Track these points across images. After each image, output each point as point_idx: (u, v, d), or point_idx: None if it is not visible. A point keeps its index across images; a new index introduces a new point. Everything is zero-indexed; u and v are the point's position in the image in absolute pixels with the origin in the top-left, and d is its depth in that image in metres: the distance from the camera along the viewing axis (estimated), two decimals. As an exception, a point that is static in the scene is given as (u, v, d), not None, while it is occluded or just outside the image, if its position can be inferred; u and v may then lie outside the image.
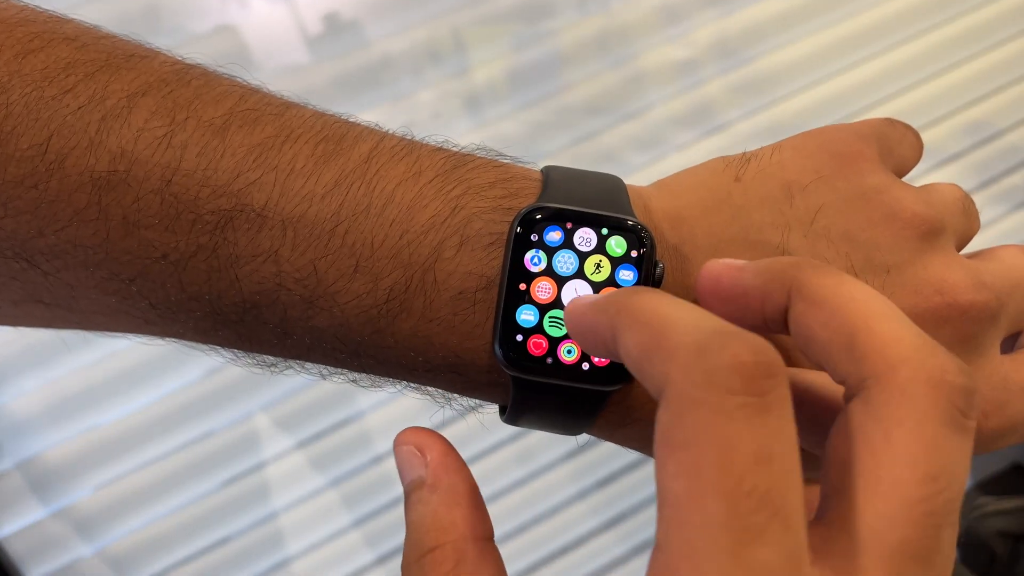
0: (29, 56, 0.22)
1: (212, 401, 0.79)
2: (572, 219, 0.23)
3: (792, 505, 0.15)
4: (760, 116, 0.95)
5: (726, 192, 0.25)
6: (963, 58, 1.01)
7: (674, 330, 0.17)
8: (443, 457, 0.22)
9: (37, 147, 0.21)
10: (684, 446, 0.16)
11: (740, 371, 0.16)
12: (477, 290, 0.23)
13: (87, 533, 0.77)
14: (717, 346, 0.16)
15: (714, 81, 0.95)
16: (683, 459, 0.16)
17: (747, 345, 0.16)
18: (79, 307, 0.24)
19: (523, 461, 0.86)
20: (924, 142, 0.29)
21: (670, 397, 0.16)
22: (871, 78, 0.98)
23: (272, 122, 0.23)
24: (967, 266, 0.25)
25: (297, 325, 0.23)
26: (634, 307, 0.18)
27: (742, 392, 0.16)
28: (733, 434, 0.15)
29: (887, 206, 0.25)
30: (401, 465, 0.23)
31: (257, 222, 0.22)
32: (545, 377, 0.23)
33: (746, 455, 0.15)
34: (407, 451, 0.23)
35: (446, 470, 0.22)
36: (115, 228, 0.22)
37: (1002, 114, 1.01)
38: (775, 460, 0.15)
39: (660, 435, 0.16)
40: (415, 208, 0.23)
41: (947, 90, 1.00)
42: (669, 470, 0.16)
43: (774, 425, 0.16)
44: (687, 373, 0.16)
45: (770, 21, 0.97)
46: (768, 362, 0.16)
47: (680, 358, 0.16)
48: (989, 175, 1.00)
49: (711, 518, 0.15)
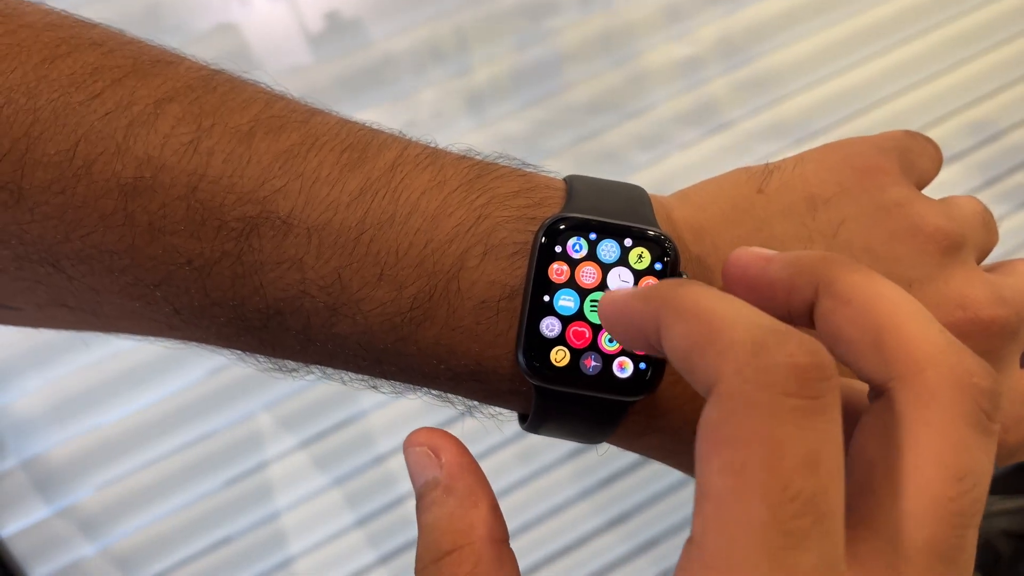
0: (56, 61, 0.22)
1: (214, 401, 0.79)
2: (596, 229, 0.23)
3: (834, 511, 0.15)
4: (764, 115, 0.95)
5: (749, 204, 0.25)
6: (966, 57, 1.01)
7: (727, 325, 0.17)
8: (459, 458, 0.22)
9: (64, 152, 0.22)
10: (732, 443, 0.16)
11: (796, 372, 0.16)
12: (501, 299, 0.23)
13: (90, 532, 0.77)
14: (773, 345, 0.16)
15: (717, 80, 0.95)
16: (730, 456, 0.15)
17: (803, 346, 0.16)
18: (103, 312, 0.24)
19: (525, 460, 0.86)
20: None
21: (721, 393, 0.16)
22: (874, 77, 0.98)
23: (298, 129, 0.23)
24: (988, 281, 0.25)
25: (320, 332, 0.23)
26: (682, 298, 0.18)
27: (796, 394, 0.15)
28: (784, 436, 0.15)
29: (909, 220, 0.25)
30: (413, 466, 0.22)
31: (282, 229, 0.22)
32: (568, 387, 0.23)
33: (795, 458, 0.15)
34: (420, 452, 0.22)
35: (462, 471, 0.22)
36: (141, 234, 0.22)
37: (1005, 113, 1.01)
38: (822, 465, 0.15)
39: (707, 430, 0.16)
40: (440, 217, 0.23)
41: (950, 89, 1.00)
42: (714, 466, 0.16)
43: (824, 429, 0.16)
44: (741, 370, 0.16)
45: (773, 20, 0.96)
46: (823, 364, 0.16)
47: (734, 354, 0.16)
48: (992, 174, 1.00)
49: (753, 518, 0.15)
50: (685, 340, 0.17)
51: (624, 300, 0.20)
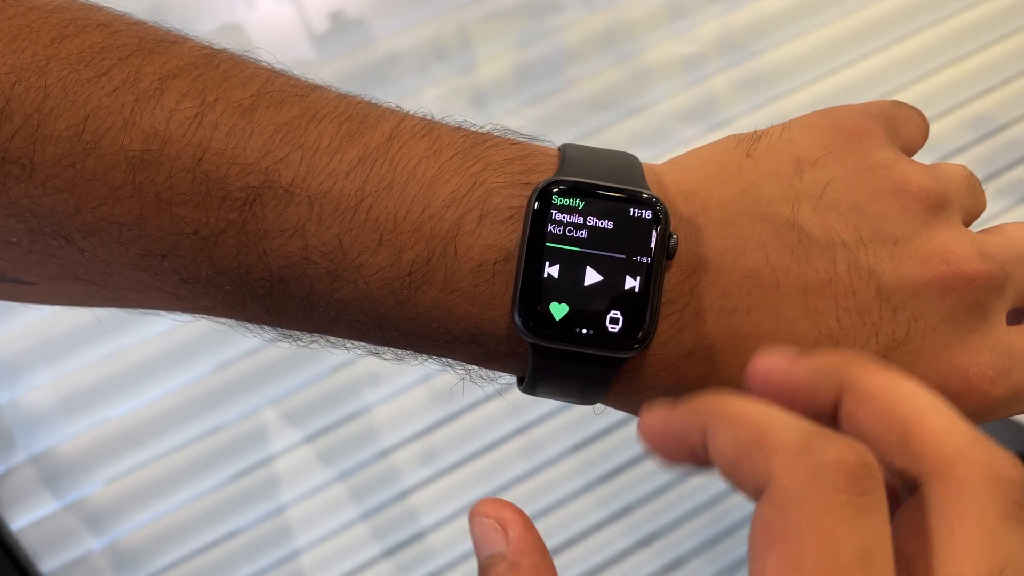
0: (65, 41, 0.23)
1: (221, 395, 0.80)
2: (588, 192, 0.24)
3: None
4: (765, 111, 0.95)
5: (737, 167, 0.26)
6: (967, 51, 1.01)
7: (774, 428, 0.17)
8: (525, 534, 0.22)
9: (74, 127, 0.22)
10: (787, 539, 0.16)
11: (845, 470, 0.16)
12: (496, 262, 0.24)
13: (98, 526, 0.78)
14: (820, 445, 0.17)
15: (719, 76, 0.95)
16: (785, 552, 0.16)
17: (849, 446, 0.17)
18: (113, 283, 0.25)
19: (529, 454, 0.86)
20: (929, 136, 0.30)
21: (774, 491, 0.17)
22: (876, 72, 0.98)
23: (298, 103, 0.24)
24: (973, 238, 0.25)
25: (323, 298, 0.24)
26: (728, 408, 0.19)
27: (846, 490, 0.16)
28: (837, 531, 0.16)
29: (894, 180, 0.25)
30: (479, 537, 0.23)
31: (284, 198, 0.23)
32: (562, 344, 0.24)
33: (849, 553, 0.16)
34: (487, 524, 0.22)
35: (529, 549, 0.22)
36: (148, 205, 0.23)
37: (1007, 108, 1.01)
38: (875, 560, 0.16)
39: (760, 527, 0.17)
40: (436, 183, 0.24)
41: (950, 84, 1.00)
42: (770, 562, 0.16)
43: (875, 525, 0.16)
44: (792, 469, 0.16)
45: (775, 16, 0.97)
46: (869, 462, 0.16)
47: (784, 454, 0.17)
48: (994, 168, 1.00)
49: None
50: (733, 446, 0.18)
51: (667, 415, 0.20)
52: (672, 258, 0.24)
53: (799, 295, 0.24)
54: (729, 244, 0.25)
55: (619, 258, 0.24)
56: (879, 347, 0.24)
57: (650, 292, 0.24)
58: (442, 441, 0.84)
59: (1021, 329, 0.26)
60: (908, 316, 0.24)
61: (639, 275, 0.24)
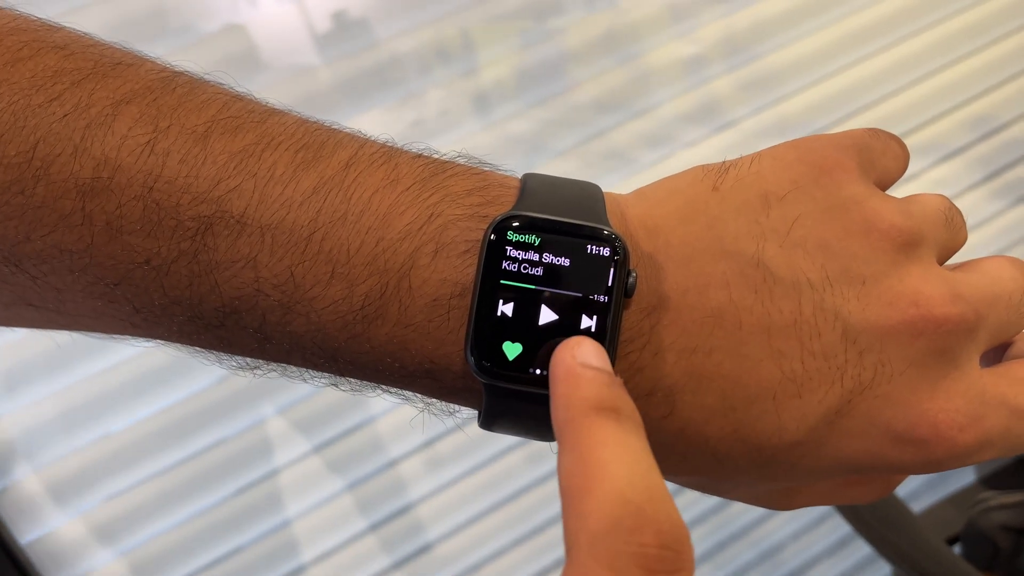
0: (18, 64, 0.23)
1: (223, 408, 0.79)
2: (546, 228, 0.23)
3: None
4: (768, 112, 0.96)
5: (703, 202, 0.25)
6: (968, 52, 1.02)
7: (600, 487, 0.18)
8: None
9: (24, 154, 0.22)
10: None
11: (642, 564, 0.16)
12: (452, 297, 0.23)
13: (103, 542, 0.77)
14: (628, 528, 0.17)
15: (722, 78, 0.95)
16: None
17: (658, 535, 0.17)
18: (67, 310, 0.25)
19: (533, 464, 0.86)
20: (929, 137, 0.29)
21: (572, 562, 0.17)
22: (877, 73, 0.99)
23: (254, 129, 0.24)
24: (945, 278, 0.25)
25: (276, 330, 0.24)
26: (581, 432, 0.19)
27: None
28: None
29: (864, 216, 0.24)
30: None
31: (236, 228, 0.23)
32: (515, 384, 0.23)
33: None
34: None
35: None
36: (99, 233, 0.22)
37: (1006, 108, 1.02)
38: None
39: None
40: (391, 216, 0.23)
41: (951, 84, 1.01)
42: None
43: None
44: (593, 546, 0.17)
45: (777, 18, 0.97)
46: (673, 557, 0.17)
47: (592, 526, 0.17)
48: (993, 168, 1.01)
49: None
50: (566, 476, 0.18)
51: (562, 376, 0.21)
52: (631, 296, 0.23)
53: (762, 336, 0.24)
54: (691, 282, 0.24)
55: (576, 296, 0.23)
56: (844, 391, 0.24)
57: (607, 332, 0.23)
58: (450, 450, 0.84)
59: (995, 372, 0.25)
60: (875, 360, 0.24)
61: (595, 314, 0.23)
